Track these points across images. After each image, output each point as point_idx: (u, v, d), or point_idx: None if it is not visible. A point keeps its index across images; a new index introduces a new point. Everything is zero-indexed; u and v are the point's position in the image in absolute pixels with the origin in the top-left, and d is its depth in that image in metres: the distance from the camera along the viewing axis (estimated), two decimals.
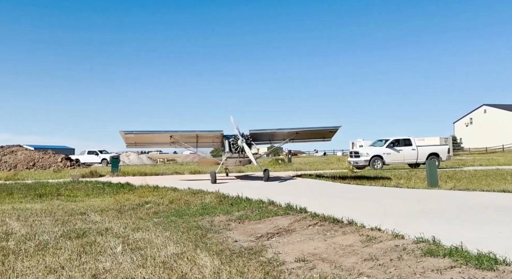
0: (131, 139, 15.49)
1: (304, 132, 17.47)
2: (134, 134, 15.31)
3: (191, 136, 16.15)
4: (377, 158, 24.74)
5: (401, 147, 25.00)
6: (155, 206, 10.55)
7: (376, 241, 5.44)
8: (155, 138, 16.01)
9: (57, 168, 35.61)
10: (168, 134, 15.72)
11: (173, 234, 6.65)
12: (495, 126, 66.15)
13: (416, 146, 25.14)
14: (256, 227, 7.23)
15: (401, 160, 24.98)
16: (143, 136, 15.62)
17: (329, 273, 4.30)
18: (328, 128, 17.51)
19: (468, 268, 4.02)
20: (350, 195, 11.39)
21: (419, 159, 24.91)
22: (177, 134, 15.82)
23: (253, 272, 4.46)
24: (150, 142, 16.63)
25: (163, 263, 4.92)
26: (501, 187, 11.81)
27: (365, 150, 25.51)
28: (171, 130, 15.70)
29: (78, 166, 39.42)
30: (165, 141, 16.23)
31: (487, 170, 19.40)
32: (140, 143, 16.37)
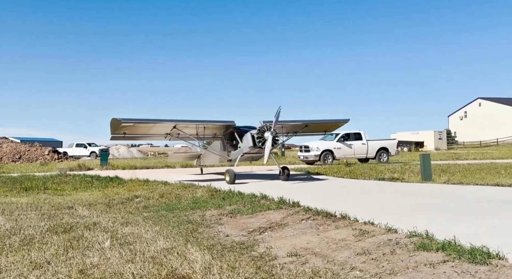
0: (123, 129, 13.62)
1: (314, 125, 16.56)
2: (133, 123, 13.40)
3: (197, 127, 14.45)
4: (328, 152, 24.12)
5: (352, 141, 24.44)
6: (145, 200, 10.51)
7: (369, 235, 5.47)
8: (154, 128, 14.17)
9: (44, 161, 35.28)
10: (172, 124, 13.89)
11: (163, 229, 6.63)
12: (490, 119, 66.85)
13: (366, 140, 24.69)
14: (248, 221, 7.23)
15: (351, 154, 24.31)
16: (141, 126, 13.77)
17: (322, 268, 4.32)
18: (337, 121, 17.09)
19: (461, 262, 4.06)
20: (344, 189, 11.45)
21: (369, 154, 24.59)
22: (182, 124, 14.07)
23: (245, 267, 4.46)
24: (145, 133, 14.66)
25: (152, 258, 4.90)
26: (495, 180, 11.95)
27: (315, 144, 24.20)
28: (175, 119, 13.95)
29: (66, 159, 39.10)
30: (162, 132, 14.60)
31: (481, 164, 19.61)
32: (131, 134, 14.40)
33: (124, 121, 13.09)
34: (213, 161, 17.06)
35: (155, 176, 16.13)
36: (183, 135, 15.05)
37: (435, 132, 52.50)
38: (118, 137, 14.43)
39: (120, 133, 14.03)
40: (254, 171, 19.73)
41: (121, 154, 49.37)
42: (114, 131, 13.81)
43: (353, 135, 24.48)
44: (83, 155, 44.74)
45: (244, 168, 21.16)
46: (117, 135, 14.14)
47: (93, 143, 47.56)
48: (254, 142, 13.34)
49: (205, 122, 14.28)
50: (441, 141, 52.70)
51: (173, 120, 13.89)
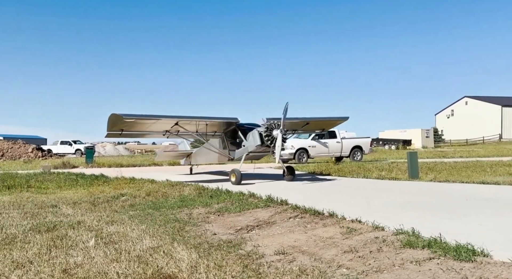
0: (123, 125, 12.84)
1: (314, 122, 16.06)
2: (134, 119, 12.44)
3: (200, 124, 13.71)
4: (303, 151, 23.67)
5: (326, 139, 24.11)
6: (131, 198, 10.41)
7: (357, 233, 5.52)
8: (155, 125, 13.38)
9: (28, 158, 34.71)
10: (174, 121, 13.21)
11: (149, 227, 6.58)
12: (476, 118, 67.97)
13: (340, 139, 24.58)
14: (236, 219, 7.22)
15: (326, 152, 24.08)
16: (142, 122, 12.97)
17: (309, 266, 4.33)
18: (336, 119, 16.74)
19: (447, 259, 4.11)
20: (332, 187, 11.52)
21: (343, 152, 24.43)
22: (184, 120, 13.36)
23: (232, 265, 4.45)
24: (144, 130, 13.82)
25: (138, 257, 4.86)
26: (480, 178, 12.15)
27: (289, 142, 23.00)
28: (178, 115, 13.33)
29: (50, 156, 38.54)
30: (162, 129, 13.86)
31: (467, 162, 19.94)
32: (129, 131, 13.57)
33: (126, 117, 12.22)
34: (210, 160, 16.17)
35: (143, 174, 16.00)
36: (183, 133, 14.43)
37: (423, 131, 53.20)
38: (115, 134, 13.62)
39: (118, 130, 13.23)
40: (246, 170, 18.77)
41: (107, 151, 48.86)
42: (112, 128, 12.98)
43: (327, 134, 23.98)
44: (68, 153, 44.14)
45: None
46: (114, 132, 13.33)
47: (78, 140, 46.94)
48: (262, 140, 12.65)
49: (208, 119, 13.56)
50: (428, 139, 53.42)
51: (176, 117, 13.26)
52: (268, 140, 12.52)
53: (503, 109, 65.43)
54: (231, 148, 14.28)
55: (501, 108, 65.44)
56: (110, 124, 12.81)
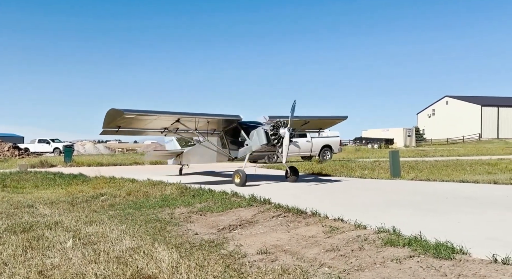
0: (121, 122, 12.01)
1: (314, 121, 15.56)
2: (135, 115, 11.71)
3: (201, 121, 13.04)
4: None
5: (296, 138, 24.12)
6: (111, 198, 10.27)
7: (339, 231, 5.56)
8: (155, 122, 12.64)
9: (4, 157, 33.83)
10: (175, 117, 12.55)
11: (129, 227, 6.50)
12: (456, 117, 69.43)
13: (310, 138, 24.13)
14: (218, 219, 7.20)
15: (296, 152, 23.27)
16: (143, 119, 12.18)
17: (291, 265, 4.35)
18: (336, 118, 16.36)
19: (427, 257, 4.19)
20: (314, 186, 11.60)
21: (313, 151, 24.20)
22: (186, 117, 12.67)
23: (214, 265, 4.43)
24: (142, 127, 13.04)
25: (117, 258, 4.79)
26: (460, 177, 12.43)
27: None
28: (180, 112, 12.62)
29: (28, 155, 37.64)
30: (161, 127, 13.21)
31: (447, 161, 20.36)
32: (127, 128, 12.78)
33: (126, 113, 11.37)
34: (207, 160, 15.33)
35: (125, 174, 15.78)
36: (182, 131, 13.69)
37: (405, 130, 54.09)
38: (110, 132, 12.72)
39: (115, 127, 12.35)
40: None
41: (87, 150, 48.06)
42: (109, 125, 12.14)
43: None
44: (46, 151, 43.21)
45: None
46: (111, 129, 12.43)
47: (57, 139, 45.97)
48: (268, 138, 12.03)
49: (210, 116, 12.89)
50: (410, 138, 54.34)
51: (177, 113, 12.53)
52: (275, 139, 11.99)
53: (482, 109, 67.04)
54: (232, 147, 13.63)
55: (481, 108, 67.04)
56: (107, 121, 11.92)
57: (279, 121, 12.22)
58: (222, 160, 14.49)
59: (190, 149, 16.51)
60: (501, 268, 3.73)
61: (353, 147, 48.04)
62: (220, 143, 13.92)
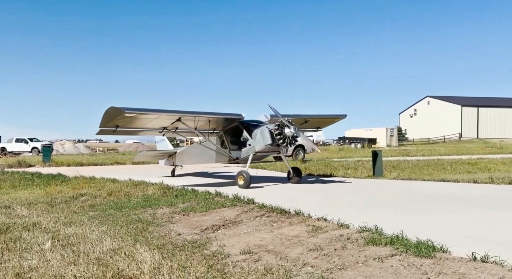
0: (120, 121, 11.51)
1: (313, 120, 15.23)
2: (136, 113, 11.22)
3: (202, 120, 12.58)
4: None
5: None
6: (91, 198, 10.12)
7: (322, 231, 5.61)
8: (156, 121, 12.17)
9: None
10: (176, 116, 12.08)
11: (110, 228, 6.41)
12: (437, 117, 70.76)
13: None
14: (202, 219, 7.17)
15: None
16: (143, 118, 11.70)
17: (274, 265, 4.36)
18: (335, 116, 15.96)
19: (408, 256, 4.26)
20: (299, 186, 11.65)
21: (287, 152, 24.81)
22: (188, 116, 12.18)
23: (196, 266, 4.41)
24: (141, 127, 12.56)
25: (97, 259, 4.73)
26: (441, 176, 12.69)
27: None
28: (181, 110, 12.17)
29: (5, 155, 36.77)
30: (160, 126, 12.70)
31: (428, 160, 20.74)
32: (125, 128, 12.26)
33: (127, 111, 10.85)
34: (204, 161, 14.75)
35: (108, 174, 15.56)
36: (181, 130, 13.19)
37: (387, 129, 54.87)
38: (107, 131, 12.18)
39: (113, 126, 11.81)
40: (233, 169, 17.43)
41: (66, 150, 47.16)
42: (106, 124, 11.63)
43: None
44: (23, 151, 42.22)
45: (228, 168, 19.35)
46: (108, 129, 11.90)
47: (35, 138, 44.98)
48: (273, 138, 11.61)
49: (212, 114, 12.47)
50: (393, 137, 55.17)
51: (179, 112, 12.08)
52: (280, 138, 11.58)
53: (463, 109, 68.49)
54: (232, 147, 13.08)
55: (461, 108, 68.48)
56: (106, 120, 11.37)
57: (284, 120, 11.85)
58: (222, 160, 13.90)
59: (185, 149, 15.83)
60: (480, 266, 3.82)
61: (337, 147, 48.49)
62: (219, 143, 13.39)
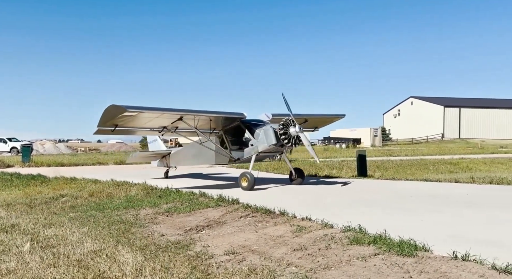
0: (120, 120, 11.12)
1: (312, 119, 14.85)
2: (138, 111, 10.79)
3: (203, 119, 12.22)
4: None
5: None
6: (72, 199, 9.97)
7: (306, 231, 5.64)
8: (156, 120, 11.75)
9: None
10: (178, 115, 11.67)
11: (91, 230, 6.32)
12: (421, 118, 71.91)
13: None
14: (186, 219, 7.13)
15: None
16: (144, 116, 11.30)
17: (258, 265, 4.37)
18: (334, 116, 15.77)
19: (391, 255, 4.32)
20: (283, 186, 11.69)
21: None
22: (190, 115, 11.79)
23: (180, 267, 4.39)
24: (141, 127, 12.15)
25: (78, 261, 4.65)
26: (423, 176, 12.90)
27: None
28: (183, 109, 11.76)
29: None
30: (160, 125, 12.27)
31: (412, 160, 21.08)
32: (124, 127, 11.84)
33: (129, 109, 10.45)
34: (202, 162, 14.26)
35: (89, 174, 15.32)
36: (181, 130, 12.71)
37: (371, 130, 55.49)
38: (106, 131, 11.71)
39: (111, 125, 11.38)
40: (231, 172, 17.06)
41: (47, 150, 46.30)
42: (105, 123, 11.18)
43: None
44: (2, 151, 41.30)
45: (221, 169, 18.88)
46: (106, 128, 11.45)
47: (14, 138, 44.03)
48: (277, 138, 11.28)
49: (214, 113, 12.07)
50: (377, 137, 55.83)
51: (181, 110, 11.67)
52: (285, 138, 11.25)
53: (445, 109, 69.74)
54: (233, 147, 12.63)
55: (444, 108, 69.73)
56: (105, 119, 10.92)
57: (288, 119, 11.56)
58: (222, 161, 13.40)
59: (181, 150, 15.25)
60: (461, 264, 3.90)
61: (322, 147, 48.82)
62: (218, 143, 12.97)
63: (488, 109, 68.38)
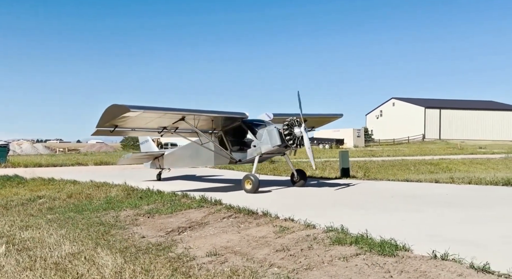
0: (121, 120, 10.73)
1: (312, 119, 14.31)
2: (141, 111, 10.33)
3: (205, 119, 11.85)
4: None
5: None
6: (50, 201, 9.78)
7: (289, 231, 5.66)
8: (158, 120, 11.40)
9: None
10: (180, 115, 11.28)
11: (69, 232, 6.21)
12: (402, 118, 73.06)
13: None
14: (167, 221, 7.07)
15: None
16: (146, 116, 10.89)
17: (241, 266, 4.36)
18: (332, 115, 15.57)
19: (372, 254, 4.37)
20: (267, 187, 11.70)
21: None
22: (191, 115, 11.40)
23: (160, 269, 4.35)
24: (142, 127, 11.76)
25: (55, 264, 4.56)
26: (405, 176, 13.10)
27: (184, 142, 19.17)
28: (185, 108, 11.36)
29: None
30: (159, 125, 11.86)
31: (393, 161, 21.39)
32: (124, 128, 11.45)
33: (133, 109, 10.03)
34: (200, 163, 13.77)
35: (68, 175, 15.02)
36: (181, 130, 12.30)
37: (354, 130, 56.09)
38: (104, 131, 11.29)
39: (111, 126, 10.98)
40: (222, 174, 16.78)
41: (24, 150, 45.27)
42: (105, 124, 10.78)
43: None
44: None
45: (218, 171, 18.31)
46: (106, 129, 11.03)
47: None
48: (282, 139, 10.99)
49: (216, 113, 11.69)
50: (359, 138, 56.45)
51: (183, 110, 11.28)
52: (290, 139, 10.98)
53: (426, 110, 71.00)
54: (234, 148, 12.25)
55: (424, 109, 70.99)
56: (106, 119, 10.53)
57: (292, 119, 11.27)
58: (222, 162, 12.96)
59: (175, 150, 14.75)
60: (440, 263, 3.98)
61: None
62: (219, 144, 12.48)
63: (467, 111, 69.92)
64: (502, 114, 68.42)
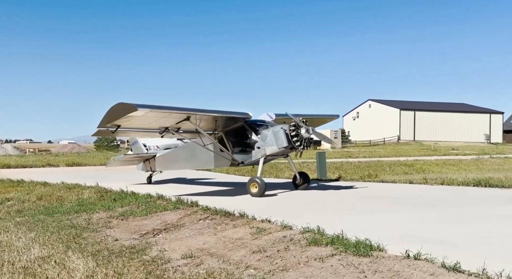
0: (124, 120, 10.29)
1: (309, 120, 13.40)
2: (148, 110, 9.94)
3: (207, 119, 11.49)
4: None
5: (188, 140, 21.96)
6: (19, 203, 9.50)
7: (266, 233, 5.68)
8: (162, 120, 10.97)
9: None
10: (184, 115, 10.90)
11: (39, 235, 6.06)
12: (378, 120, 74.49)
13: None
14: (142, 223, 6.98)
15: None
16: (150, 116, 10.45)
17: (216, 268, 4.35)
18: (328, 116, 15.68)
19: (347, 255, 4.44)
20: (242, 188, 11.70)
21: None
22: (196, 114, 11.05)
23: (134, 272, 4.29)
24: (145, 127, 11.32)
25: (24, 268, 4.44)
26: (380, 177, 13.36)
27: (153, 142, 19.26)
28: (190, 108, 10.99)
29: None
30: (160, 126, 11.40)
31: (369, 162, 21.76)
32: (126, 129, 11.02)
33: (140, 108, 9.66)
34: (198, 165, 13.37)
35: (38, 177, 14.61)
36: (183, 131, 11.80)
37: (331, 132, 56.70)
38: (106, 132, 10.89)
39: (114, 126, 10.53)
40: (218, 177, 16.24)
41: None
42: (108, 123, 10.35)
43: None
44: None
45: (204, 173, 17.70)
46: (107, 129, 10.60)
47: None
48: (289, 140, 10.68)
49: (220, 113, 11.36)
50: (336, 139, 57.17)
51: (189, 110, 10.92)
52: (297, 140, 10.69)
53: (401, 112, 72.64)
54: (235, 150, 11.83)
55: (399, 111, 72.62)
56: (110, 118, 10.11)
57: (299, 120, 11.08)
58: (222, 164, 12.51)
59: (169, 152, 14.15)
60: (413, 263, 4.07)
61: None
62: (220, 145, 12.00)
63: (441, 113, 71.92)
64: (474, 116, 70.77)
